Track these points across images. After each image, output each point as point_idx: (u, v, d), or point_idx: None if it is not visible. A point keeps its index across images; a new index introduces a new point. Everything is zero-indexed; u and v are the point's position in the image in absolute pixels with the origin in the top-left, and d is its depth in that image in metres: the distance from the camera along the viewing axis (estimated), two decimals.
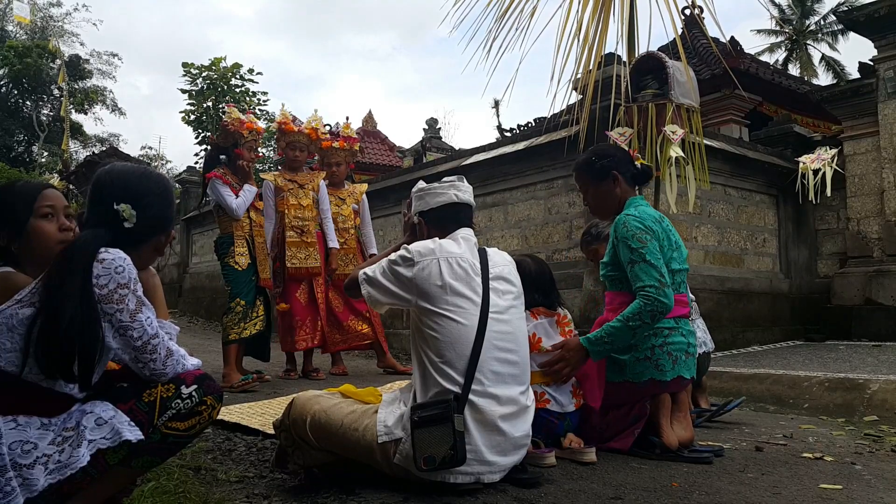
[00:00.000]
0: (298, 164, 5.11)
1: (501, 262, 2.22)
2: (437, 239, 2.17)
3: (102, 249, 1.50)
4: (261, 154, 5.19)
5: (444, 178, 2.34)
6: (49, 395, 1.45)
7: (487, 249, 2.24)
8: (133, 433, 1.46)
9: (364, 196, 5.36)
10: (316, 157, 5.43)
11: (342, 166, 5.17)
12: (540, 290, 2.65)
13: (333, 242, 5.12)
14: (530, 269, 2.66)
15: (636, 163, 2.79)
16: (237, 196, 4.69)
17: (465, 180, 2.36)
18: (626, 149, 2.95)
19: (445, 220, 2.26)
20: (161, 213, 1.67)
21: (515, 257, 2.75)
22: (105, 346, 1.46)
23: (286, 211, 4.94)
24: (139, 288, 1.53)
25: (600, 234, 3.40)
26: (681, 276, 2.66)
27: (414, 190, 2.36)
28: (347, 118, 5.45)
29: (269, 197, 4.92)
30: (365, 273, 2.17)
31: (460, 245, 2.17)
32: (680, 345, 2.57)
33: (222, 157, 4.81)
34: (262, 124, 5.16)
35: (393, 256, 2.13)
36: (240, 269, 4.63)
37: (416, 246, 2.12)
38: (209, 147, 5.18)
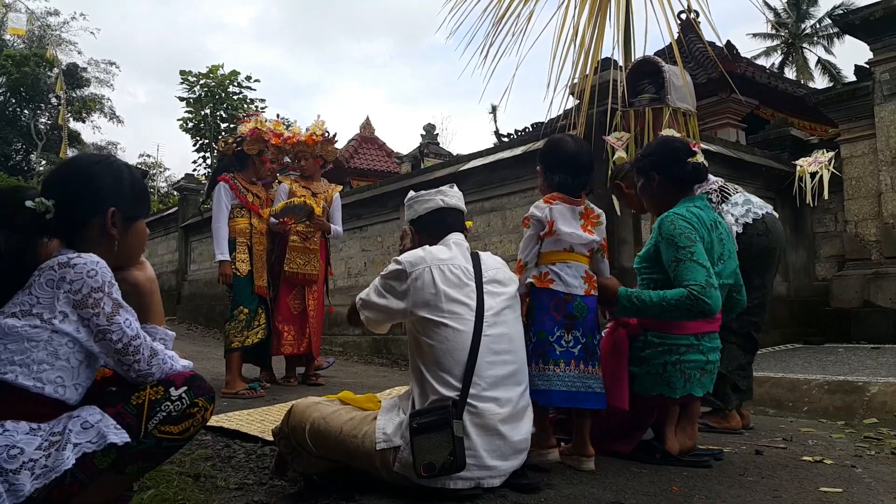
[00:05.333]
0: (308, 172, 5.15)
1: (494, 264, 2.23)
2: (426, 247, 2.19)
3: (74, 254, 1.49)
4: (284, 163, 5.21)
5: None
6: (39, 401, 1.44)
7: (480, 253, 2.26)
8: (119, 436, 1.45)
9: (337, 195, 5.31)
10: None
11: (308, 160, 5.16)
12: (571, 171, 2.44)
13: (337, 230, 5.19)
14: (568, 146, 2.50)
15: (690, 161, 2.58)
16: (240, 202, 4.76)
17: (455, 187, 2.40)
18: (689, 141, 2.79)
19: (434, 225, 2.29)
20: (78, 191, 1.60)
21: (561, 134, 2.68)
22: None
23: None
24: (115, 290, 1.52)
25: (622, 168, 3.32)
26: (721, 292, 2.49)
27: (405, 200, 2.40)
28: (319, 116, 5.47)
29: (281, 198, 4.97)
30: (360, 298, 2.18)
31: (451, 249, 2.18)
32: (696, 363, 2.45)
33: (234, 166, 4.89)
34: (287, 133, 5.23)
35: (385, 272, 2.14)
36: (241, 275, 4.64)
37: (407, 256, 2.13)
38: (221, 155, 5.20)
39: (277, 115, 5.51)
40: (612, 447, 2.56)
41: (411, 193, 2.38)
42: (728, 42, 11.46)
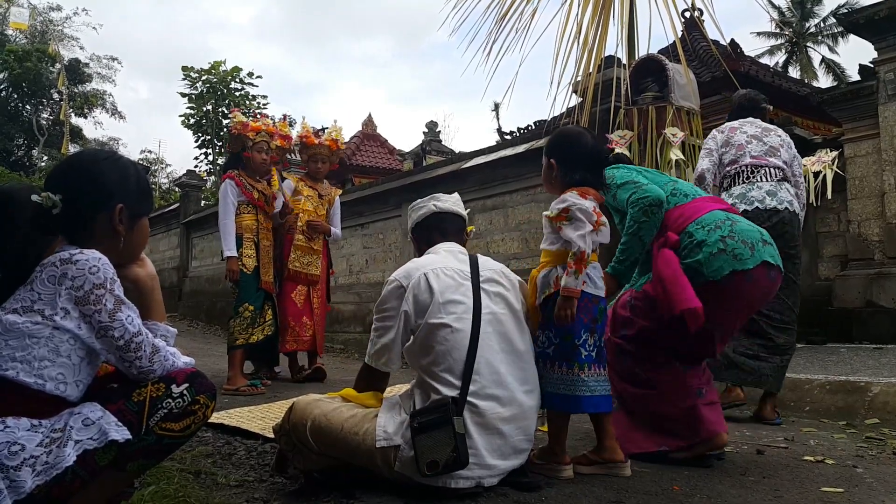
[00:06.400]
0: (320, 175, 5.19)
1: (492, 266, 2.25)
2: (415, 259, 2.23)
3: (76, 251, 1.48)
4: (277, 157, 5.13)
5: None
6: (40, 398, 1.44)
7: (479, 256, 2.27)
8: (120, 433, 1.44)
9: (337, 199, 5.35)
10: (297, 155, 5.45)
11: (326, 164, 5.19)
12: (591, 168, 2.36)
13: (336, 232, 5.25)
14: (588, 142, 2.40)
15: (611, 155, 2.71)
16: (246, 198, 4.77)
17: (455, 194, 2.45)
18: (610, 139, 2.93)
19: (430, 230, 2.34)
20: (84, 187, 1.58)
21: (574, 127, 2.57)
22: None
23: (300, 216, 4.99)
24: (117, 287, 1.51)
25: None
26: (690, 189, 2.57)
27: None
28: (336, 121, 5.50)
29: (285, 193, 4.99)
30: (367, 357, 2.18)
31: (440, 255, 2.21)
32: (751, 232, 2.37)
33: (240, 164, 4.93)
34: (293, 132, 5.23)
35: (379, 301, 2.14)
36: (247, 272, 4.65)
37: (397, 273, 2.15)
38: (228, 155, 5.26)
39: (285, 116, 5.48)
40: (626, 446, 2.46)
41: (414, 202, 2.43)
42: (732, 40, 11.41)
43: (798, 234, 3.54)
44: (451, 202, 2.39)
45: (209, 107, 21.30)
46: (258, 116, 5.25)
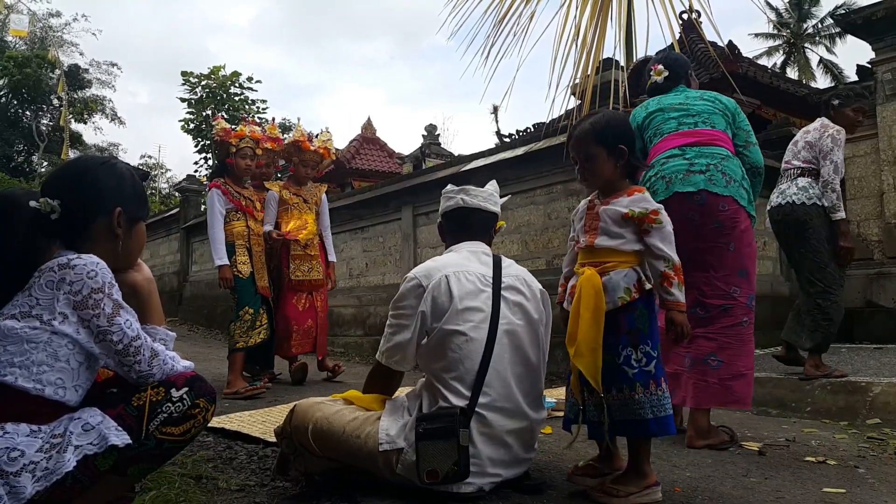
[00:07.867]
0: (306, 180, 5.20)
1: (515, 272, 2.16)
2: (435, 258, 2.17)
3: (74, 255, 1.49)
4: (264, 162, 5.06)
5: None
6: (39, 403, 1.44)
7: (503, 258, 2.18)
8: (120, 438, 1.44)
9: (324, 196, 5.31)
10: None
11: (315, 169, 5.20)
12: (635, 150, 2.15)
13: (332, 256, 5.29)
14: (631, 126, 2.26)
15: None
16: (234, 206, 4.79)
17: (493, 183, 2.32)
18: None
19: (455, 225, 2.26)
20: (83, 192, 1.60)
21: (615, 111, 2.53)
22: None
23: (291, 224, 4.98)
24: (115, 291, 1.52)
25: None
26: (670, 125, 2.59)
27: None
28: (327, 128, 5.49)
29: (271, 207, 4.97)
30: (379, 353, 2.12)
31: (463, 255, 2.14)
32: (678, 167, 2.40)
33: (224, 172, 4.94)
34: (286, 137, 5.23)
35: (396, 297, 2.08)
36: (243, 277, 4.68)
37: (418, 270, 2.09)
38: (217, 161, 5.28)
39: (273, 119, 5.51)
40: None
41: (449, 187, 2.30)
42: (730, 42, 11.42)
43: (805, 220, 3.98)
44: (482, 197, 2.23)
45: (209, 111, 21.32)
46: (251, 120, 5.27)
